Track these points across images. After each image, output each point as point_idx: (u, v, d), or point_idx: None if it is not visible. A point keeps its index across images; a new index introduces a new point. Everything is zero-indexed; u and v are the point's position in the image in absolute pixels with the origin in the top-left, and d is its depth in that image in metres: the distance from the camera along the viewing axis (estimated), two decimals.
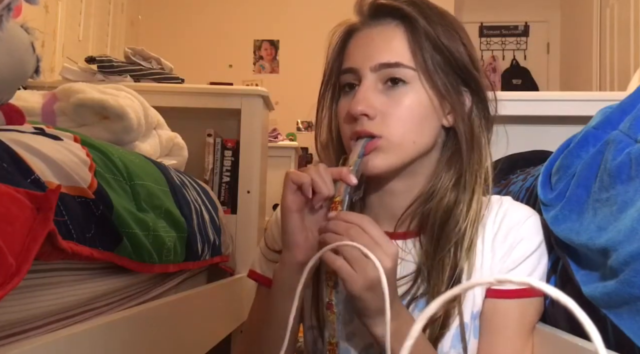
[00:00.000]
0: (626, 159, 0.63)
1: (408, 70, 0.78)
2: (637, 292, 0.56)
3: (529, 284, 0.34)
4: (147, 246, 0.99)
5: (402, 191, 0.83)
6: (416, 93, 0.78)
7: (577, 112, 1.39)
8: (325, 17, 5.64)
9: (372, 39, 0.80)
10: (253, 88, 2.02)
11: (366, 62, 0.79)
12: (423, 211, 0.81)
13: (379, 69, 0.78)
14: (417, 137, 0.78)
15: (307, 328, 0.86)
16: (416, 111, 0.78)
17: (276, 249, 0.89)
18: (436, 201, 0.79)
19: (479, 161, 0.80)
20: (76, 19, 3.86)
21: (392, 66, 0.77)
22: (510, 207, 0.81)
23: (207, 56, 5.02)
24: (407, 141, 0.78)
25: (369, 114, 0.77)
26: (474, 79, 0.81)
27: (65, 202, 0.76)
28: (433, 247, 0.79)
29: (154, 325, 0.98)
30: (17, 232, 0.51)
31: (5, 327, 0.65)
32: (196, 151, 1.85)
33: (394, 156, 0.78)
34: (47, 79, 2.17)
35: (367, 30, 0.82)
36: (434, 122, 0.80)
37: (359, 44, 0.82)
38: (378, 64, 0.78)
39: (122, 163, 1.03)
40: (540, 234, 0.80)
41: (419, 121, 0.78)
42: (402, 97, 0.78)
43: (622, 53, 3.68)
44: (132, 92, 1.45)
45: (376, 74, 0.78)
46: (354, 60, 0.81)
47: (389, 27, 0.80)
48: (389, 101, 0.78)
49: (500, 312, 0.78)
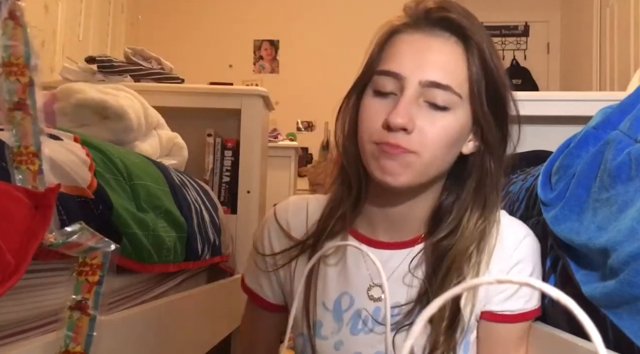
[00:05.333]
0: (626, 159, 0.63)
1: (455, 96, 0.73)
2: (637, 292, 0.56)
3: (529, 284, 0.34)
4: (147, 246, 0.99)
5: (406, 204, 0.80)
6: (456, 117, 0.74)
7: (577, 112, 1.39)
8: (325, 17, 5.63)
9: (430, 49, 0.74)
10: (253, 88, 2.03)
11: (417, 72, 0.73)
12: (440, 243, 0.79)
13: (427, 86, 0.73)
14: (444, 159, 0.76)
15: (297, 335, 0.86)
16: (452, 135, 0.74)
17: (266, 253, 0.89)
18: (460, 238, 0.77)
19: (497, 194, 0.79)
20: (76, 19, 3.86)
21: (441, 87, 0.72)
22: (505, 227, 0.80)
23: (207, 56, 5.02)
24: (435, 163, 0.75)
25: (408, 129, 0.72)
26: (506, 114, 0.78)
27: (65, 201, 0.76)
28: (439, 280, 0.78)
29: (154, 325, 0.98)
30: (15, 231, 0.51)
31: (5, 327, 0.65)
32: (196, 151, 1.85)
33: (419, 174, 0.74)
34: (47, 79, 2.17)
35: (423, 37, 0.75)
36: (460, 146, 0.78)
37: (410, 49, 0.74)
38: (429, 80, 0.72)
39: (122, 163, 1.03)
40: (536, 255, 0.81)
41: (451, 145, 0.75)
42: (442, 119, 0.73)
43: (622, 53, 3.68)
44: (132, 92, 1.45)
45: (422, 89, 0.73)
46: (401, 65, 0.74)
47: (449, 43, 0.74)
48: (428, 117, 0.73)
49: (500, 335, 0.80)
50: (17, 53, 0.56)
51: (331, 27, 4.96)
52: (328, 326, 0.82)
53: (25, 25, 0.56)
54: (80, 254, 0.56)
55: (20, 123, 0.57)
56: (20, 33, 0.56)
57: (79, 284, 0.56)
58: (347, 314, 0.82)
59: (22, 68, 0.57)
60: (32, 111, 0.58)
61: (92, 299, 0.56)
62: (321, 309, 0.83)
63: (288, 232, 0.86)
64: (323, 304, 0.83)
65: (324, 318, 0.82)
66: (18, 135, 0.57)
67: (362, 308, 0.81)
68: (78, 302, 0.56)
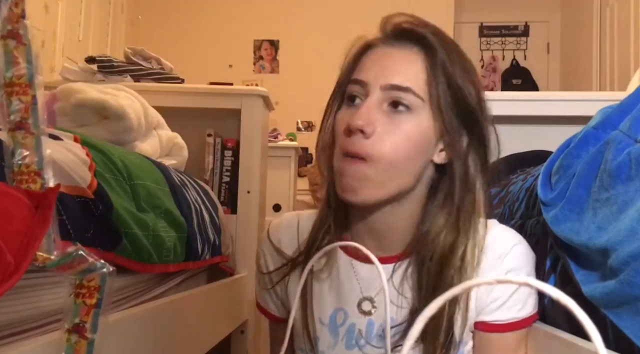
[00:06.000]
0: (626, 159, 0.63)
1: (416, 99, 0.76)
2: (637, 292, 0.56)
3: (529, 284, 0.34)
4: (147, 246, 0.99)
5: (385, 216, 0.81)
6: (418, 122, 0.77)
7: (577, 112, 1.39)
8: (325, 17, 5.63)
9: (390, 58, 0.79)
10: (253, 88, 2.02)
11: (378, 78, 0.77)
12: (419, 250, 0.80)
13: (388, 89, 0.76)
14: (406, 168, 0.77)
15: (298, 349, 0.88)
16: (413, 139, 0.76)
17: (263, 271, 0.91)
18: (431, 241, 0.78)
19: (472, 204, 0.79)
20: (76, 19, 3.86)
21: (402, 90, 0.76)
22: (495, 237, 0.80)
23: (207, 56, 5.02)
24: (395, 171, 0.76)
25: (366, 131, 0.75)
26: (478, 123, 0.79)
27: (64, 201, 0.76)
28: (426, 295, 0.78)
29: (154, 325, 0.98)
30: (15, 231, 0.51)
31: (5, 327, 0.65)
32: (196, 151, 1.85)
33: (380, 186, 0.76)
34: (47, 79, 2.17)
35: (387, 49, 0.80)
36: (426, 155, 0.79)
37: (374, 59, 0.80)
38: (390, 84, 0.76)
39: (122, 163, 1.03)
40: (528, 263, 0.81)
41: (413, 150, 0.77)
42: (403, 123, 0.76)
43: (622, 53, 3.68)
44: (132, 92, 1.45)
45: (384, 93, 0.77)
46: (365, 74, 0.79)
47: (409, 52, 0.79)
48: (389, 123, 0.76)
49: (495, 345, 0.80)
50: (20, 73, 0.55)
51: (331, 27, 4.95)
52: (325, 341, 0.84)
53: (29, 43, 0.55)
54: (76, 275, 0.55)
55: (21, 143, 0.56)
56: (23, 51, 0.55)
57: (76, 306, 0.55)
58: (342, 329, 0.84)
59: (25, 88, 0.55)
60: (35, 130, 0.56)
61: (90, 322, 0.55)
62: (318, 325, 0.85)
63: (280, 250, 0.89)
64: (319, 320, 0.85)
65: (321, 333, 0.85)
66: (20, 155, 0.55)
67: (355, 323, 0.83)
68: (76, 325, 0.55)
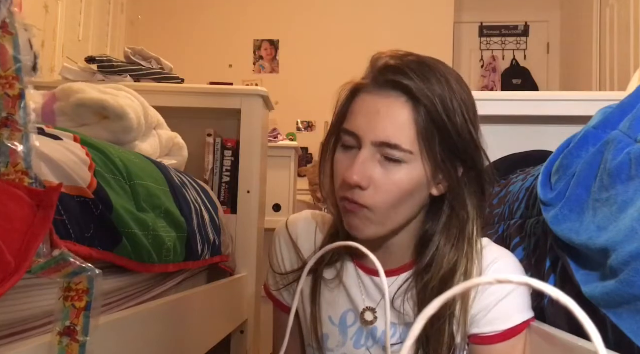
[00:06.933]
0: (626, 159, 0.63)
1: (406, 154, 0.78)
2: (637, 292, 0.56)
3: (529, 284, 0.34)
4: (146, 246, 0.99)
5: (390, 243, 0.87)
6: (411, 171, 0.79)
7: (577, 112, 1.39)
8: (325, 17, 5.63)
9: (378, 112, 0.79)
10: (253, 88, 2.02)
11: (369, 133, 0.79)
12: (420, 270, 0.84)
13: (379, 146, 0.79)
14: (403, 210, 0.81)
15: (307, 345, 0.93)
16: (404, 188, 0.79)
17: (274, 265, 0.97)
18: (436, 271, 0.82)
19: (472, 225, 0.83)
20: (76, 19, 3.86)
21: (391, 147, 0.78)
22: (485, 254, 0.84)
23: (207, 56, 5.02)
24: (393, 214, 0.81)
25: (363, 186, 0.78)
26: (471, 154, 0.81)
27: (64, 201, 0.76)
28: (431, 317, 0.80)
29: (154, 325, 0.98)
30: (16, 230, 0.51)
31: (5, 327, 0.65)
32: (196, 151, 1.85)
33: (382, 225, 0.81)
34: (47, 79, 2.17)
35: (375, 98, 0.80)
36: (423, 194, 0.82)
37: (364, 110, 0.81)
38: (379, 141, 0.78)
39: (122, 163, 1.03)
40: (516, 271, 0.84)
41: (406, 197, 0.80)
42: (397, 173, 0.79)
43: (622, 53, 3.68)
44: (132, 92, 1.45)
45: (376, 148, 0.79)
46: (357, 126, 0.80)
47: (396, 103, 0.79)
48: (383, 173, 0.79)
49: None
50: (6, 64, 0.52)
51: (331, 27, 4.96)
52: (334, 340, 0.90)
53: (17, 32, 0.52)
54: (63, 279, 0.55)
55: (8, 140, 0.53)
56: (10, 41, 0.52)
57: (66, 309, 0.55)
58: (352, 329, 0.89)
59: (12, 80, 0.53)
60: (22, 127, 0.54)
61: (81, 325, 0.55)
62: (328, 324, 0.90)
63: (296, 245, 0.94)
64: (330, 319, 0.90)
65: (330, 332, 0.90)
66: (6, 153, 0.53)
67: (363, 327, 0.89)
68: (67, 327, 0.55)
